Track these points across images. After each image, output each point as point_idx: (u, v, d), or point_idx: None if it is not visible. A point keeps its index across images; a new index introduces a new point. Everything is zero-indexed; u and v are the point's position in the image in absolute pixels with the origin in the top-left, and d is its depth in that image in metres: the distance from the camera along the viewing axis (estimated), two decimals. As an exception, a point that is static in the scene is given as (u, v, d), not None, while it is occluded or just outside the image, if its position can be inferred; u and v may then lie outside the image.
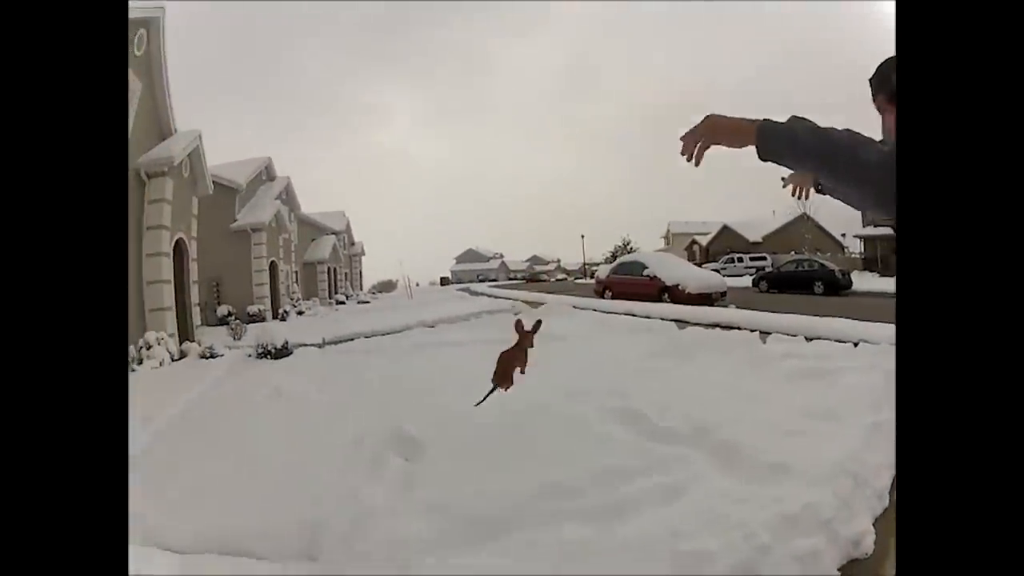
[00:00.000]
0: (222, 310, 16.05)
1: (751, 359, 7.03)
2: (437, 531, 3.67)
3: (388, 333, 12.26)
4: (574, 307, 14.39)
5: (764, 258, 35.73)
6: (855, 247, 40.01)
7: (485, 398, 2.58)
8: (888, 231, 34.47)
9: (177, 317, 10.99)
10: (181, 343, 10.58)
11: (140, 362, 9.19)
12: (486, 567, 3.26)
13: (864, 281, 21.87)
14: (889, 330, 7.53)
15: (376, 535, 3.60)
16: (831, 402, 5.32)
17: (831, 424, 4.86)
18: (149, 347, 9.31)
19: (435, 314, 14.80)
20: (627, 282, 16.20)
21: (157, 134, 11.28)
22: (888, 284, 19.73)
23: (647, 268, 15.97)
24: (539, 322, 2.97)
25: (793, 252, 34.10)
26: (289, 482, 4.47)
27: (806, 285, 19.61)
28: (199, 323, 12.64)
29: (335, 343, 11.37)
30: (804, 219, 44.53)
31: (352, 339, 11.67)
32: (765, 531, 3.24)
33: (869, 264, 33.58)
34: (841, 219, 41.82)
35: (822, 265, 21.17)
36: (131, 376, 8.41)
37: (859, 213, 38.98)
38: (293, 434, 5.65)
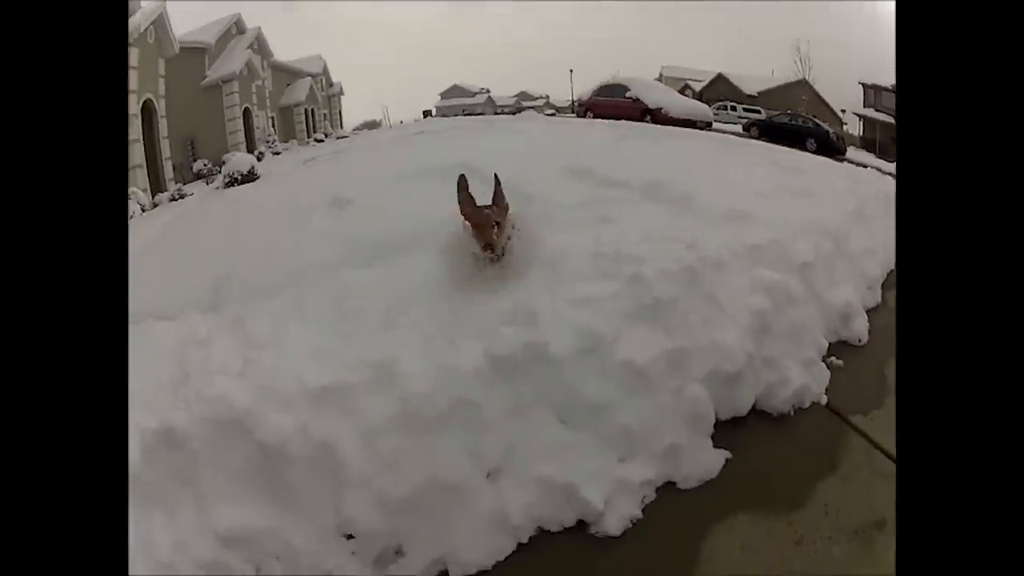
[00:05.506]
0: (198, 165, 15.83)
1: (725, 149, 6.37)
2: (336, 256, 3.63)
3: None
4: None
5: (758, 111, 34.14)
6: (854, 127, 38.84)
7: None
8: (890, 119, 33.21)
9: (148, 174, 11.90)
10: (154, 196, 11.07)
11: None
12: (372, 279, 3.13)
13: (860, 156, 21.31)
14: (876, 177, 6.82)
15: (277, 270, 3.65)
16: (811, 187, 4.68)
17: (808, 200, 4.22)
18: (120, 204, 9.11)
19: (406, 133, 14.08)
20: (608, 104, 15.26)
21: (121, 13, 11.56)
22: (883, 164, 19.10)
23: (629, 91, 15.10)
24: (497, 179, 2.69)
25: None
26: (215, 256, 4.45)
27: (799, 139, 18.58)
28: (171, 177, 13.44)
29: (304, 163, 11.21)
30: (803, 84, 42.48)
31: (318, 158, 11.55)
32: (720, 250, 2.67)
33: (867, 145, 32.63)
34: (843, 95, 40.05)
35: (817, 124, 20.19)
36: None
37: (861, 92, 37.56)
38: (240, 225, 5.75)
